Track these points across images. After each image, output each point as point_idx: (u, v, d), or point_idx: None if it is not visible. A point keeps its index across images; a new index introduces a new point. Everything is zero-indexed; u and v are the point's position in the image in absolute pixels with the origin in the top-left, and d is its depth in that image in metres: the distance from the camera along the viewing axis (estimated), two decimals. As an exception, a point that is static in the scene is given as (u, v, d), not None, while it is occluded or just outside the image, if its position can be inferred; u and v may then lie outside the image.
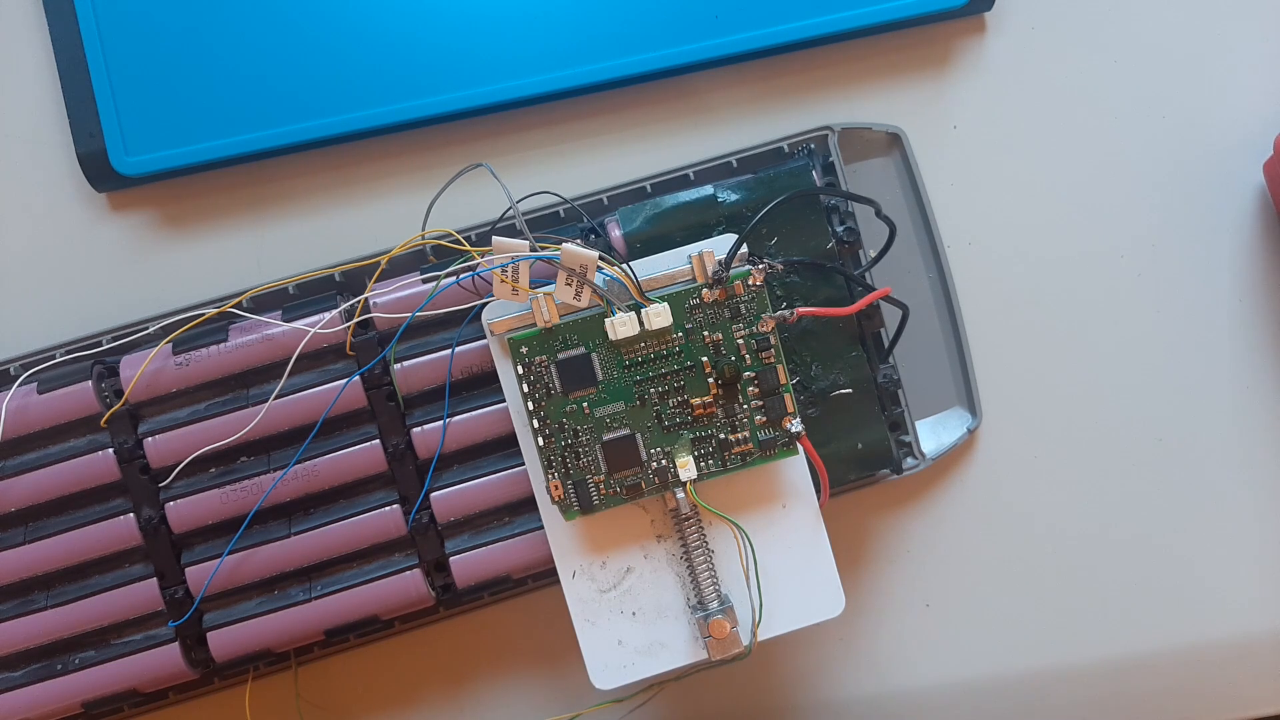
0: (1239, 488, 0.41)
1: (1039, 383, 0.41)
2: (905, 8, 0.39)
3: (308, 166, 0.39)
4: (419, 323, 0.35)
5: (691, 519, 0.34)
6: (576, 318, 0.32)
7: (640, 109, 0.40)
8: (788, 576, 0.34)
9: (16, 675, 0.35)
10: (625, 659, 0.34)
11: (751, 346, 0.33)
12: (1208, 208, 0.41)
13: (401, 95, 0.38)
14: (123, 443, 0.35)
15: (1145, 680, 0.41)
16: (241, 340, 0.35)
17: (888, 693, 0.40)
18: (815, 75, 0.40)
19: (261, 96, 0.38)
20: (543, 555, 0.35)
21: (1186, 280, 0.41)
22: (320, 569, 0.35)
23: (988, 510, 0.41)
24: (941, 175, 0.41)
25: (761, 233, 0.36)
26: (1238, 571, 0.41)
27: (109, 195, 0.39)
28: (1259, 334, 0.41)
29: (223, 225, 0.39)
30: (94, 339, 0.36)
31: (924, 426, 0.40)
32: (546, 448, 0.33)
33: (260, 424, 0.34)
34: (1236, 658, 0.41)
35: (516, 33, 0.38)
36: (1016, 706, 0.41)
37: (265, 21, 0.38)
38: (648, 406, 0.33)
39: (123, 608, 0.35)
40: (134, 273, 0.39)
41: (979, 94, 0.41)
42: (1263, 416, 0.41)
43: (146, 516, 0.35)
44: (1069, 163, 0.41)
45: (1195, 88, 0.41)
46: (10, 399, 0.34)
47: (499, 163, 0.39)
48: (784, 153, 0.38)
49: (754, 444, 0.33)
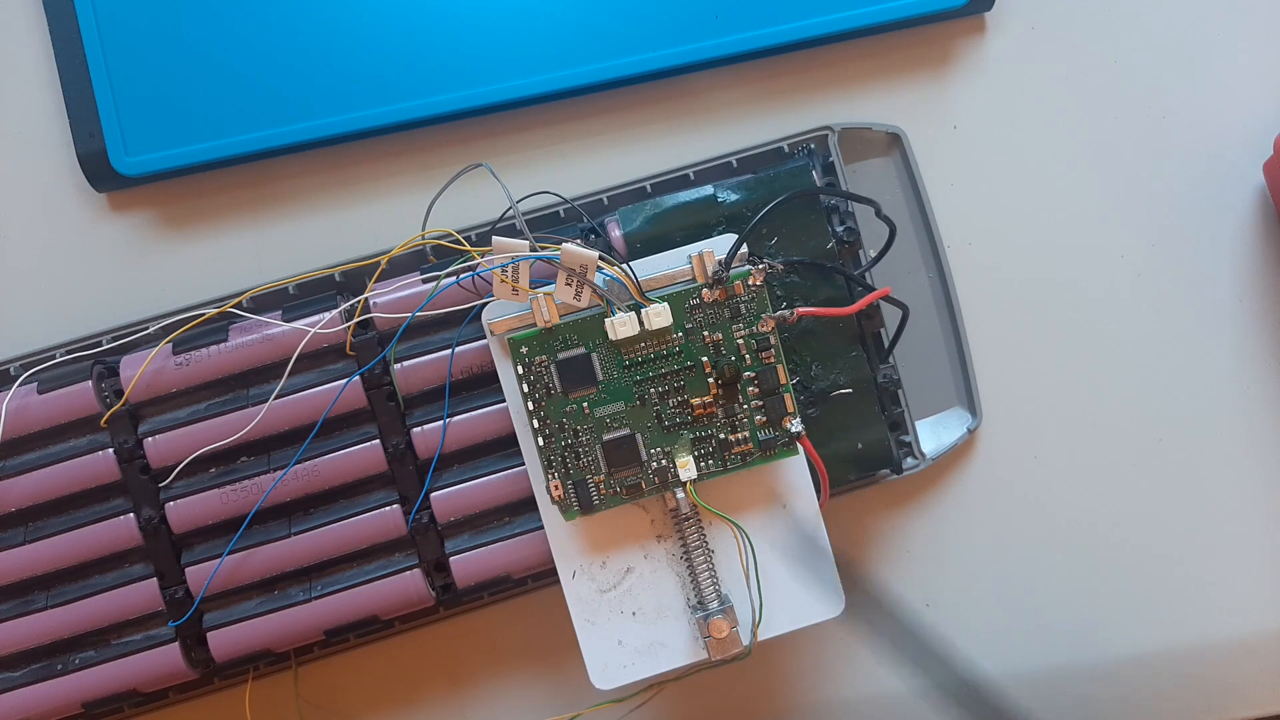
0: (1239, 488, 0.41)
1: (1039, 383, 0.41)
2: (905, 8, 0.39)
3: (308, 166, 0.39)
4: (419, 323, 0.35)
5: (691, 519, 0.34)
6: (576, 318, 0.32)
7: (640, 109, 0.40)
8: (788, 576, 0.34)
9: (16, 675, 0.35)
10: (625, 659, 0.34)
11: (751, 346, 0.33)
12: (1208, 208, 0.41)
13: (401, 95, 0.38)
14: (123, 443, 0.35)
15: (1146, 680, 0.41)
16: (241, 340, 0.35)
17: (888, 693, 0.40)
18: (815, 75, 0.40)
19: (261, 96, 0.38)
20: (543, 555, 0.35)
21: (1186, 280, 0.41)
22: (320, 569, 0.35)
23: (988, 510, 0.41)
24: (941, 175, 0.41)
25: (761, 233, 0.36)
26: (1238, 571, 0.41)
27: (109, 195, 0.39)
28: (1259, 334, 0.41)
29: (223, 225, 0.39)
30: (94, 339, 0.36)
31: (924, 426, 0.40)
32: (546, 448, 0.33)
33: (260, 424, 0.34)
34: (1236, 658, 0.41)
35: (516, 33, 0.38)
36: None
37: (265, 21, 0.38)
38: (648, 406, 0.33)
39: (123, 608, 0.35)
40: (134, 273, 0.39)
41: (979, 94, 0.41)
42: (1263, 416, 0.41)
43: (146, 516, 0.35)
44: (1069, 163, 0.41)
45: (1195, 88, 0.41)
46: (10, 399, 0.34)
47: (499, 163, 0.39)
48: (784, 153, 0.38)
49: (754, 444, 0.33)
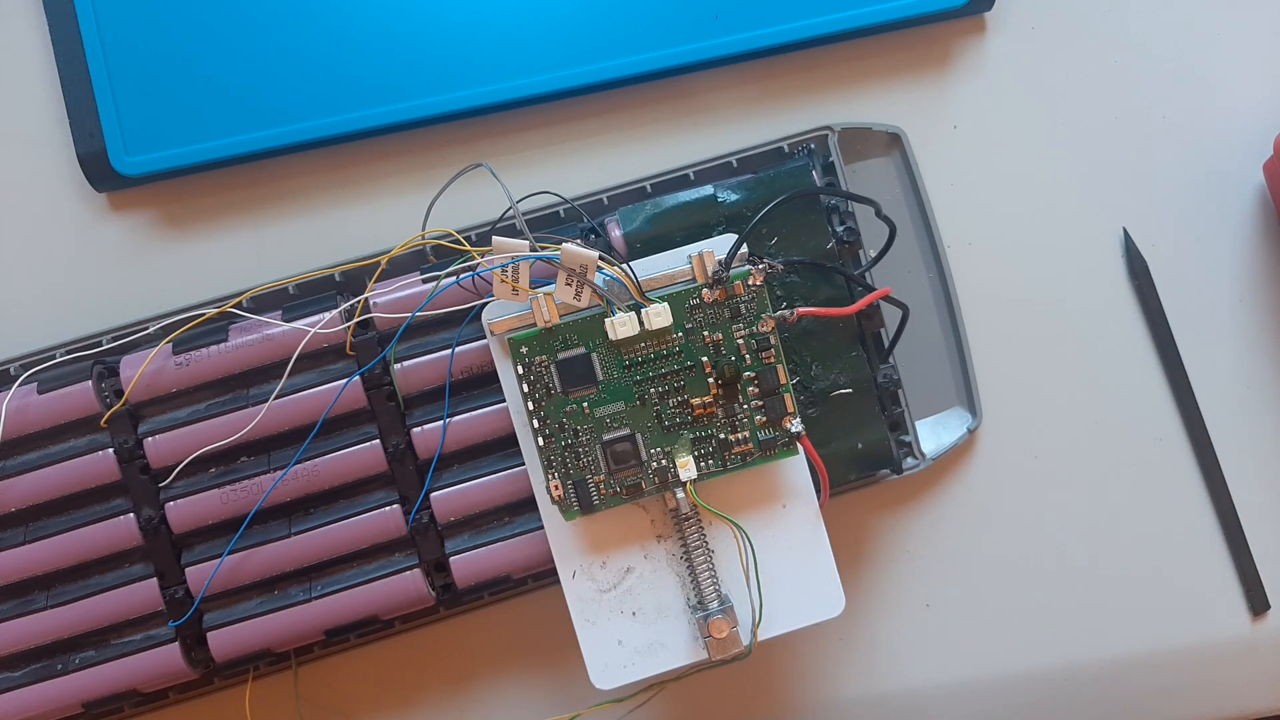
0: (1239, 487, 0.41)
1: (1039, 382, 0.41)
2: (905, 8, 0.39)
3: (308, 166, 0.39)
4: (419, 323, 0.35)
5: (691, 519, 0.34)
6: (576, 318, 0.32)
7: (640, 109, 0.40)
8: (788, 576, 0.34)
9: (16, 675, 0.35)
10: (625, 659, 0.34)
11: (751, 346, 0.33)
12: (1208, 208, 0.41)
13: (401, 95, 0.38)
14: (123, 443, 0.35)
15: (1145, 680, 0.41)
16: (241, 340, 0.35)
17: (887, 693, 0.40)
18: (815, 75, 0.40)
19: (261, 96, 0.38)
20: (543, 555, 0.35)
21: (1186, 280, 0.41)
22: (320, 569, 0.35)
23: (988, 510, 0.41)
24: (941, 175, 0.41)
25: (761, 233, 0.36)
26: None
27: (109, 195, 0.39)
28: (1259, 334, 0.41)
29: (223, 225, 0.39)
30: (94, 339, 0.36)
31: (924, 426, 0.40)
32: (546, 448, 0.33)
33: (260, 424, 0.34)
34: (1236, 658, 0.41)
35: (516, 33, 0.38)
36: (1016, 706, 0.41)
37: (265, 22, 0.38)
38: (648, 406, 0.33)
39: (123, 608, 0.35)
40: (134, 273, 0.39)
41: (979, 94, 0.41)
42: (1263, 416, 0.41)
43: (146, 516, 0.35)
44: (1069, 163, 0.41)
45: (1195, 88, 0.41)
46: (10, 399, 0.34)
47: (499, 163, 0.39)
48: (784, 153, 0.38)
49: (754, 444, 0.33)
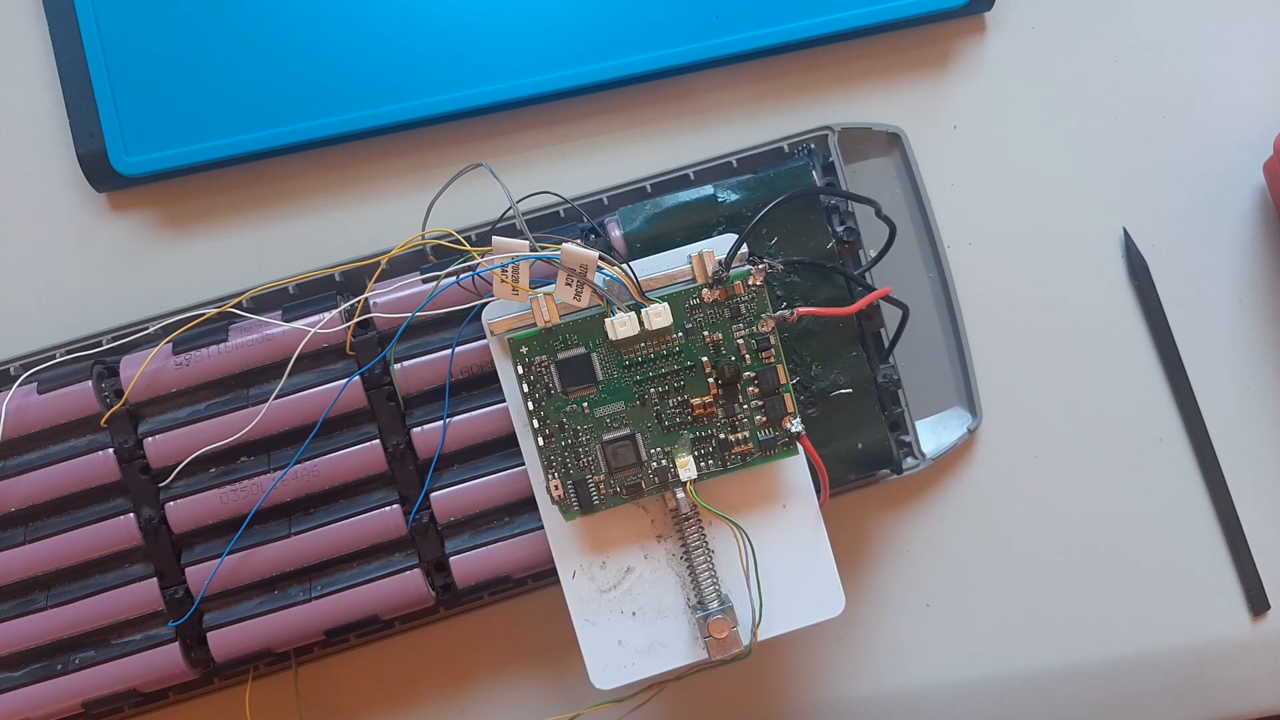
0: (1239, 488, 0.41)
1: (1039, 383, 0.41)
2: (905, 8, 0.39)
3: (307, 166, 0.39)
4: (419, 323, 0.35)
5: (691, 519, 0.34)
6: (576, 318, 0.32)
7: (640, 109, 0.40)
8: (788, 576, 0.34)
9: (16, 675, 0.35)
10: (625, 659, 0.34)
11: (751, 346, 0.33)
12: (1208, 208, 0.41)
13: (401, 95, 0.38)
14: (123, 443, 0.35)
15: (1145, 680, 0.41)
16: (241, 340, 0.35)
17: (888, 693, 0.40)
18: (815, 75, 0.40)
19: (261, 96, 0.37)
20: (543, 555, 0.35)
21: (1186, 280, 0.41)
22: (320, 569, 0.35)
23: (988, 510, 0.41)
24: (941, 175, 0.41)
25: (761, 233, 0.36)
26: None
27: (109, 195, 0.39)
28: (1259, 334, 0.41)
29: (223, 225, 0.39)
30: (94, 339, 0.36)
31: (924, 426, 0.40)
32: (546, 448, 0.33)
33: (260, 424, 0.34)
34: (1236, 658, 0.41)
35: (516, 33, 0.38)
36: (1016, 706, 0.41)
37: (265, 22, 0.38)
38: (648, 406, 0.33)
39: (123, 608, 0.35)
40: (134, 273, 0.39)
41: (979, 94, 0.41)
42: (1263, 417, 0.41)
43: (146, 516, 0.35)
44: (1069, 163, 0.41)
45: (1195, 88, 0.41)
46: (10, 399, 0.34)
47: (499, 163, 0.39)
48: (784, 153, 0.38)
49: (754, 444, 0.33)
